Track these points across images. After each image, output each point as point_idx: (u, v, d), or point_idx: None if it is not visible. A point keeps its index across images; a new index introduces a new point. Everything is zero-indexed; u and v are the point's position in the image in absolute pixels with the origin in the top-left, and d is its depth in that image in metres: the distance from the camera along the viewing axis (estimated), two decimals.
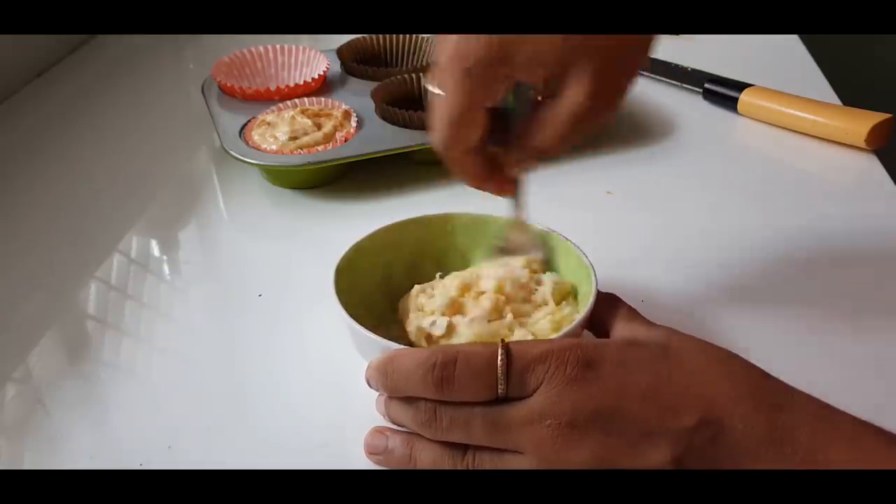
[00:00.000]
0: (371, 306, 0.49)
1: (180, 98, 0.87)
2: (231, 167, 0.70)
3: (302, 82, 0.76)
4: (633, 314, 0.44)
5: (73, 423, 0.47)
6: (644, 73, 0.86)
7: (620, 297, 0.45)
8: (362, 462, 0.44)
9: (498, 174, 0.45)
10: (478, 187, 0.46)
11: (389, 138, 0.68)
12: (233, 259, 0.62)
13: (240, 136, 0.69)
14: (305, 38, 0.99)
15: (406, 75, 0.74)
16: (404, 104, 0.70)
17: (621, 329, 0.43)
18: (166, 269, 0.62)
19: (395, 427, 0.43)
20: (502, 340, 0.39)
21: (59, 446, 0.46)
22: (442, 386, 0.38)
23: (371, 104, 0.71)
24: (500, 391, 0.37)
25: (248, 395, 0.49)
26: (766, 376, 0.38)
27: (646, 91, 0.83)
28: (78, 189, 0.71)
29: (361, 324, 0.44)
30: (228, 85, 0.75)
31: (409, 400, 0.40)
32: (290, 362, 0.51)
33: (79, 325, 0.56)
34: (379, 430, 0.43)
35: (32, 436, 0.46)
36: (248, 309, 0.56)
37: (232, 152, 0.66)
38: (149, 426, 0.47)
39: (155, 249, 0.64)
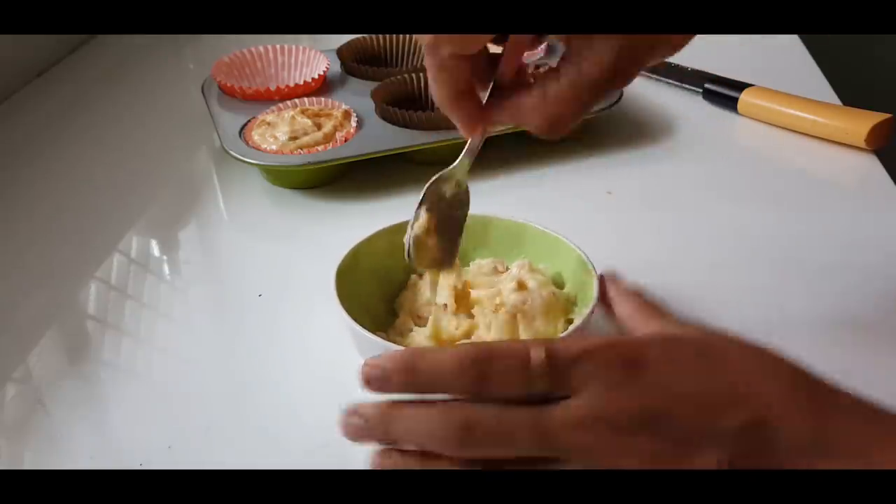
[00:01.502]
0: (371, 308, 0.49)
1: (180, 98, 0.87)
2: (231, 167, 0.70)
3: (302, 82, 0.76)
4: (663, 311, 0.43)
5: (73, 423, 0.47)
6: (644, 72, 0.86)
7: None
8: (362, 462, 0.44)
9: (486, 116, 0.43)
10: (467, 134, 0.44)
11: (389, 138, 0.68)
12: (233, 259, 0.62)
13: (240, 136, 0.69)
14: (305, 38, 0.99)
15: (406, 75, 0.74)
16: (404, 104, 0.70)
17: (653, 325, 0.42)
18: (166, 269, 0.62)
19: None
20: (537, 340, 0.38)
21: (59, 446, 0.46)
22: (480, 382, 0.35)
23: (371, 104, 0.71)
24: (538, 389, 0.35)
25: (248, 395, 0.49)
26: (811, 375, 0.37)
27: (646, 91, 0.83)
28: (78, 189, 0.71)
29: (362, 325, 0.44)
30: (228, 85, 0.75)
31: (431, 409, 0.36)
32: (290, 362, 0.51)
33: (79, 325, 0.56)
34: (387, 452, 0.38)
35: (32, 436, 0.46)
36: (247, 309, 0.56)
37: (232, 152, 0.66)
38: (149, 426, 0.47)
39: (155, 249, 0.64)
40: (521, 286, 0.48)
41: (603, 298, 0.45)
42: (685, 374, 0.36)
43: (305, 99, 0.73)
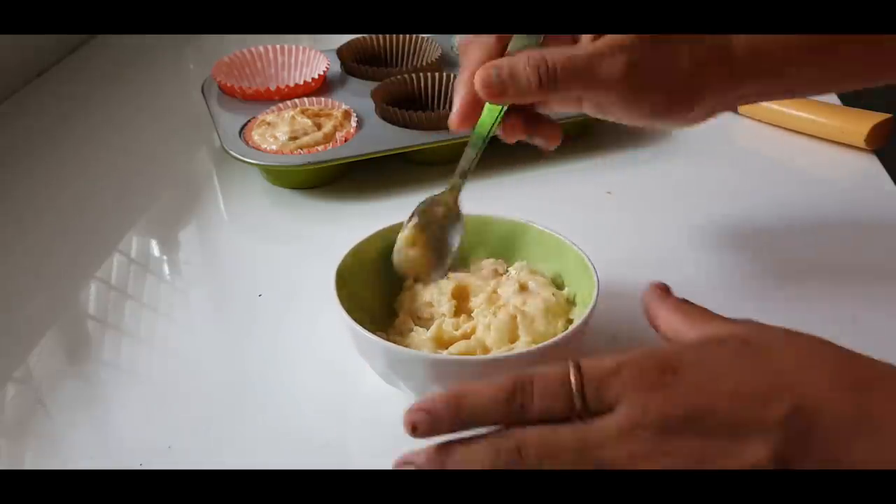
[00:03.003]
0: (371, 308, 0.49)
1: (180, 98, 0.87)
2: (231, 167, 0.70)
3: (302, 82, 0.75)
4: (706, 314, 0.42)
5: (73, 423, 0.47)
6: None
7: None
8: (363, 462, 0.44)
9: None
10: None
11: (390, 138, 0.68)
12: (233, 259, 0.62)
13: (240, 135, 0.69)
14: (305, 39, 0.99)
15: (406, 75, 0.74)
16: (405, 104, 0.70)
17: (694, 330, 0.41)
18: (166, 269, 0.62)
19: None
20: (570, 360, 0.37)
21: (59, 446, 0.46)
22: (522, 410, 0.36)
23: (371, 104, 0.71)
24: (577, 407, 0.36)
25: (249, 395, 0.49)
26: (856, 359, 0.37)
27: None
28: (78, 189, 0.71)
29: (362, 325, 0.44)
30: (228, 85, 0.75)
31: (479, 444, 0.36)
32: (291, 362, 0.51)
33: (79, 325, 0.56)
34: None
35: (32, 436, 0.46)
36: (248, 309, 0.56)
37: (232, 152, 0.66)
38: (149, 426, 0.47)
39: (155, 249, 0.64)
40: (522, 287, 0.48)
41: (646, 313, 0.43)
42: (723, 372, 0.36)
43: (305, 99, 0.73)
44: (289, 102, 0.72)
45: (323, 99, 0.74)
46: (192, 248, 0.64)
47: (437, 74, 0.73)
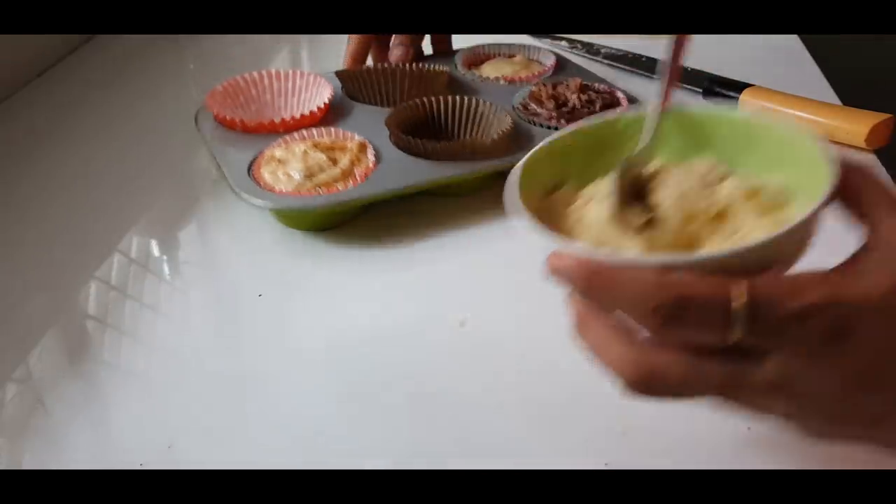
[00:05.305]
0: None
1: (180, 98, 0.87)
2: None
3: (308, 112, 0.70)
4: None
5: (73, 423, 0.47)
6: (645, 72, 0.86)
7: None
8: (363, 462, 0.44)
9: None
10: None
11: (413, 172, 0.63)
12: (233, 259, 0.62)
13: (248, 174, 0.63)
14: (305, 39, 0.99)
15: (419, 100, 0.69)
16: (419, 130, 0.67)
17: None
18: (166, 269, 0.62)
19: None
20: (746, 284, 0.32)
21: (59, 446, 0.46)
22: (667, 324, 0.32)
23: (382, 131, 0.66)
24: (736, 338, 0.32)
25: (249, 395, 0.49)
26: None
27: (646, 91, 0.83)
28: (78, 189, 0.71)
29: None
30: (228, 118, 0.69)
31: (622, 347, 0.34)
32: (291, 362, 0.51)
33: (79, 325, 0.56)
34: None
35: (32, 436, 0.46)
36: (248, 309, 0.56)
37: (244, 195, 0.60)
38: (149, 426, 0.47)
39: (155, 249, 0.64)
40: (718, 183, 0.41)
41: (842, 187, 0.37)
42: None
43: (314, 130, 0.67)
44: (296, 135, 0.67)
45: (333, 129, 0.67)
46: (192, 248, 0.64)
47: (453, 98, 0.69)
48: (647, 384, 0.33)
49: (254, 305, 0.56)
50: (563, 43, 0.94)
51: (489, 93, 0.73)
